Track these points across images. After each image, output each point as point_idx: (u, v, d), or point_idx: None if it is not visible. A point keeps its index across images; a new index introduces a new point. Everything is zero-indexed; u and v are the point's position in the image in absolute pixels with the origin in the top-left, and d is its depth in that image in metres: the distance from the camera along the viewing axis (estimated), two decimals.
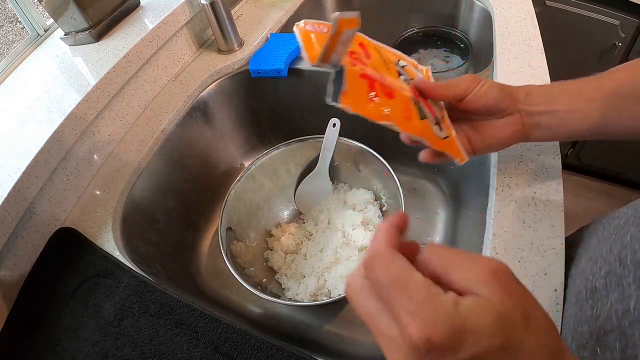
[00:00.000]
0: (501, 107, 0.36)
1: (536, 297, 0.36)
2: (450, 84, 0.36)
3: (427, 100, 0.36)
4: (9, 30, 0.68)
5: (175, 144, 0.61)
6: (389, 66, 0.36)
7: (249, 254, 0.58)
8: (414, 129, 0.34)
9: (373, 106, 0.32)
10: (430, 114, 0.35)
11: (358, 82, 0.32)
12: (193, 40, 0.71)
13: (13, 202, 0.45)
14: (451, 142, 0.37)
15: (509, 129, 0.37)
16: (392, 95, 0.33)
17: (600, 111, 0.35)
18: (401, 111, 0.33)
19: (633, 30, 1.03)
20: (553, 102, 0.36)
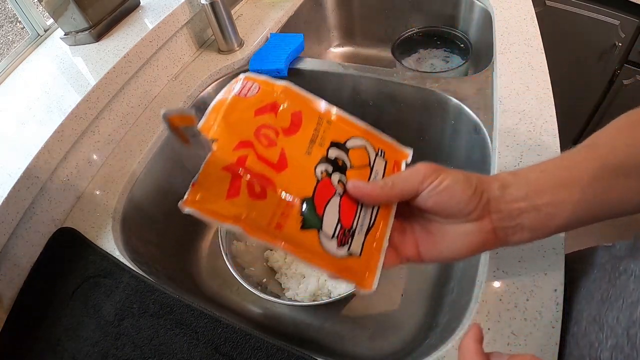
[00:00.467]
0: (465, 211, 0.28)
1: (536, 297, 0.36)
2: (396, 182, 0.29)
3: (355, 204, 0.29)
4: (9, 30, 0.68)
5: (175, 144, 0.61)
6: (312, 150, 0.29)
7: (249, 254, 0.58)
8: (275, 240, 0.26)
9: (223, 207, 0.25)
10: (333, 222, 0.27)
11: (218, 176, 0.26)
12: (193, 40, 0.71)
13: (13, 202, 0.45)
14: (352, 264, 0.28)
15: (475, 239, 0.28)
16: (263, 194, 0.26)
17: (588, 195, 0.28)
18: (267, 215, 0.26)
19: (633, 30, 1.03)
20: (536, 196, 0.28)
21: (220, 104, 0.29)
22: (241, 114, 0.29)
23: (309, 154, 0.29)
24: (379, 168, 0.31)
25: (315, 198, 0.27)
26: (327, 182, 0.28)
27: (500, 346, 0.35)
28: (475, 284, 0.40)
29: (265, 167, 0.27)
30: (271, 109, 0.30)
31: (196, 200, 0.26)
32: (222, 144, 0.27)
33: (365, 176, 0.30)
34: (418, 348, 0.46)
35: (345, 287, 0.53)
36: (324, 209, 0.27)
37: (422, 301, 0.56)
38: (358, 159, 0.30)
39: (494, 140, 0.50)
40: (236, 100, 0.29)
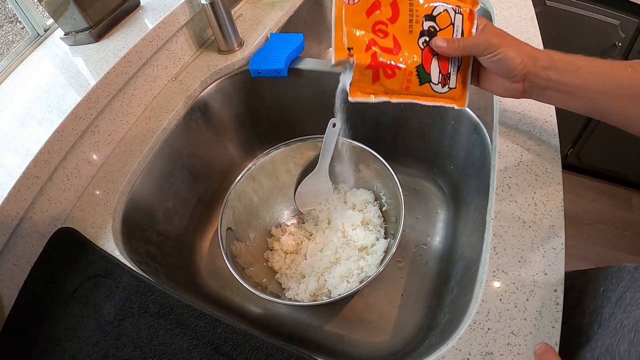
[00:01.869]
0: (507, 77, 0.39)
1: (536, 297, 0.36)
2: (465, 46, 0.40)
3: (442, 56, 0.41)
4: (9, 30, 0.68)
5: (175, 144, 0.61)
6: (412, 28, 0.40)
7: (249, 254, 0.58)
8: (407, 96, 0.41)
9: (373, 89, 0.40)
10: (436, 73, 0.41)
11: (364, 74, 0.39)
12: (193, 40, 0.71)
13: (13, 202, 0.45)
14: (452, 94, 0.42)
15: (510, 91, 0.41)
16: (393, 74, 0.40)
17: (604, 103, 0.38)
18: (399, 84, 0.41)
19: (633, 30, 1.03)
20: (564, 84, 0.38)
21: (339, 18, 0.38)
22: (358, 19, 0.39)
23: (411, 32, 0.40)
24: (458, 23, 0.41)
25: (423, 63, 0.40)
26: (427, 49, 0.41)
27: (500, 346, 0.35)
28: (475, 284, 0.40)
29: (388, 55, 0.39)
30: (376, 6, 0.39)
31: (357, 91, 0.40)
32: (357, 49, 0.38)
33: (450, 33, 0.41)
34: (418, 348, 0.46)
35: (345, 287, 0.53)
36: (430, 67, 0.41)
37: (422, 301, 0.56)
38: (443, 21, 0.41)
39: (494, 140, 0.50)
40: (349, 10, 0.38)
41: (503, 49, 0.38)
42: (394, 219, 0.58)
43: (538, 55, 0.38)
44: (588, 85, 0.37)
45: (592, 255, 1.29)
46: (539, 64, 0.38)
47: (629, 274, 0.37)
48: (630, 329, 0.31)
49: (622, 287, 0.37)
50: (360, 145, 0.59)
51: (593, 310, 0.38)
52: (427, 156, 0.68)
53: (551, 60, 0.38)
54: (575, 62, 0.38)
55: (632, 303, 0.33)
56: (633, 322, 0.31)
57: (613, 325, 0.34)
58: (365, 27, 0.39)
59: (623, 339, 0.31)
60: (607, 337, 0.33)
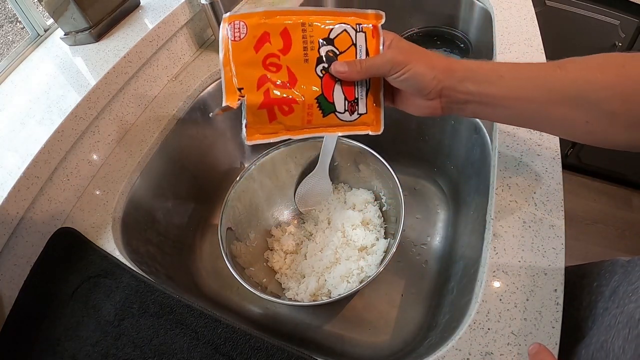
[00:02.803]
0: (421, 94, 0.36)
1: (536, 297, 0.36)
2: (369, 67, 0.36)
3: None
4: (9, 30, 0.68)
5: (175, 144, 0.61)
6: (307, 56, 0.37)
7: (249, 254, 0.58)
8: (312, 130, 0.39)
9: (272, 128, 0.38)
10: (341, 101, 0.38)
11: (257, 114, 0.37)
12: (193, 40, 0.71)
13: (13, 202, 0.45)
14: (364, 120, 0.40)
15: (427, 110, 0.38)
16: (291, 110, 0.37)
17: (532, 110, 0.34)
18: (299, 120, 0.38)
19: (633, 30, 1.03)
20: (486, 95, 0.35)
21: (227, 56, 0.36)
22: (246, 56, 0.36)
23: (306, 61, 0.37)
24: (361, 42, 0.38)
25: (324, 92, 0.38)
26: (327, 76, 0.38)
27: (500, 346, 0.35)
28: (475, 284, 0.40)
29: (283, 90, 0.37)
30: (264, 39, 0.36)
31: (253, 134, 0.38)
32: (247, 89, 0.36)
33: (352, 54, 0.38)
34: (418, 348, 0.46)
35: (345, 287, 0.53)
36: (332, 96, 0.38)
37: (422, 301, 0.56)
38: (343, 43, 0.37)
39: (494, 140, 0.50)
40: (236, 47, 0.36)
41: (411, 65, 0.35)
42: (394, 219, 0.58)
43: (453, 67, 0.35)
44: (514, 94, 0.34)
45: (592, 255, 1.29)
46: (454, 76, 0.35)
47: (622, 268, 0.37)
48: (625, 325, 0.31)
49: (615, 281, 0.36)
50: (360, 145, 0.59)
51: (587, 305, 0.38)
52: (427, 156, 0.68)
53: (469, 71, 0.35)
54: (497, 70, 0.35)
55: (625, 297, 0.33)
56: (627, 317, 0.31)
57: (607, 321, 0.34)
58: (255, 63, 0.36)
59: (617, 335, 0.31)
60: (602, 334, 0.33)
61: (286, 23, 0.36)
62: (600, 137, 0.33)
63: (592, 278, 0.40)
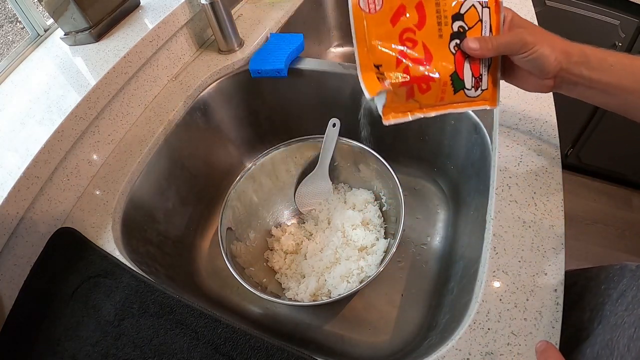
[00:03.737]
0: (540, 76, 0.38)
1: (536, 297, 0.36)
2: (499, 45, 0.37)
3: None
4: (9, 30, 0.68)
5: (175, 144, 0.61)
6: (442, 31, 0.36)
7: (249, 254, 0.58)
8: (442, 107, 0.39)
9: (407, 106, 0.37)
10: (469, 78, 0.38)
11: (397, 92, 0.36)
12: (193, 40, 0.71)
13: (13, 202, 0.45)
14: (485, 95, 0.40)
15: (541, 87, 0.40)
16: (428, 88, 0.37)
17: (633, 101, 0.37)
18: (434, 97, 0.37)
19: (633, 30, 1.03)
20: (596, 81, 0.37)
21: (361, 31, 0.34)
22: (383, 30, 0.35)
23: (441, 37, 0.36)
24: (486, 18, 0.38)
25: (457, 69, 0.37)
26: (459, 52, 0.37)
27: (500, 346, 0.35)
28: (475, 284, 0.40)
29: (420, 67, 0.36)
30: (401, 12, 0.35)
31: (390, 112, 0.37)
32: (386, 66, 0.35)
33: (479, 30, 0.37)
34: (418, 348, 0.46)
35: (345, 287, 0.53)
36: (463, 73, 0.38)
37: (422, 301, 0.56)
38: (471, 19, 0.37)
39: (494, 140, 0.50)
40: (371, 20, 0.34)
41: (537, 47, 0.36)
42: (394, 219, 0.58)
43: (571, 50, 0.37)
44: (620, 84, 0.37)
45: (592, 255, 1.29)
46: (572, 59, 0.37)
47: (631, 272, 0.37)
48: (631, 325, 0.31)
49: (623, 285, 0.37)
50: (360, 145, 0.59)
51: (594, 307, 0.38)
52: (427, 156, 0.68)
53: (584, 56, 0.37)
54: (607, 59, 0.37)
55: (634, 302, 0.33)
56: (635, 319, 0.31)
57: (614, 321, 0.34)
58: (392, 37, 0.35)
59: (623, 334, 0.31)
60: (607, 333, 0.33)
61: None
62: None
63: (600, 281, 0.40)
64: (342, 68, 0.64)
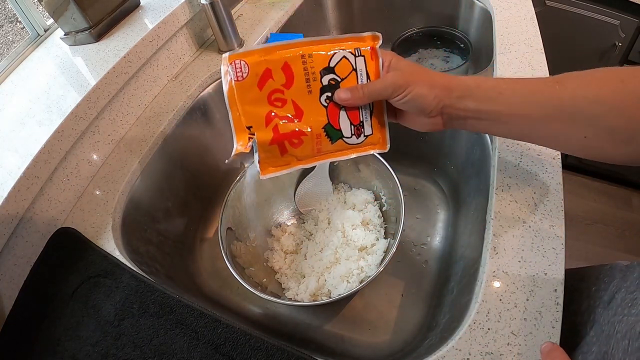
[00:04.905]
0: (423, 114, 0.38)
1: (536, 297, 0.36)
2: (371, 92, 0.37)
3: None
4: (9, 30, 0.68)
5: (175, 144, 0.61)
6: (310, 87, 0.38)
7: (249, 254, 0.58)
8: (322, 157, 0.40)
9: (285, 160, 0.39)
10: (347, 126, 0.39)
11: (270, 150, 0.38)
12: (193, 40, 0.71)
13: (13, 202, 0.45)
14: (371, 140, 0.41)
15: (429, 126, 0.39)
16: (300, 142, 0.38)
17: (529, 127, 0.35)
18: (310, 150, 0.39)
19: (633, 30, 1.03)
20: (484, 112, 0.36)
21: (232, 97, 0.37)
22: (251, 95, 0.37)
23: (310, 92, 0.38)
24: (361, 67, 0.38)
25: (330, 120, 0.38)
26: (331, 104, 0.38)
27: (500, 346, 0.35)
28: (475, 284, 0.40)
29: (291, 124, 0.37)
30: (267, 76, 0.37)
31: (266, 168, 0.38)
32: (256, 127, 0.37)
33: (354, 80, 0.38)
34: (418, 348, 0.46)
35: (345, 287, 0.53)
36: (338, 122, 0.39)
37: (422, 301, 0.56)
38: (344, 70, 0.38)
39: (494, 140, 0.50)
40: (240, 86, 0.36)
41: (412, 87, 0.36)
42: (394, 219, 0.58)
43: (452, 85, 0.36)
44: (511, 111, 0.35)
45: (592, 255, 1.29)
46: (453, 94, 0.36)
47: (621, 272, 0.37)
48: (624, 336, 0.31)
49: (613, 287, 0.36)
50: None
51: (585, 310, 0.38)
52: (427, 156, 0.68)
53: (467, 89, 0.36)
54: (496, 87, 0.36)
55: (624, 306, 0.33)
56: (626, 328, 0.31)
57: (607, 330, 0.33)
58: (261, 100, 0.37)
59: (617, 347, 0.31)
60: (603, 344, 0.33)
61: (286, 57, 0.37)
62: (598, 151, 0.34)
63: (591, 282, 0.40)
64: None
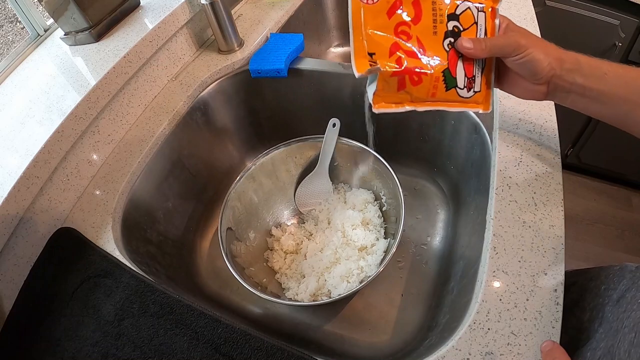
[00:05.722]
0: (532, 80, 0.38)
1: (536, 297, 0.36)
2: (493, 46, 0.37)
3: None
4: (9, 30, 0.68)
5: (175, 144, 0.61)
6: (436, 28, 0.37)
7: (249, 254, 0.58)
8: (434, 103, 0.39)
9: (399, 97, 0.38)
10: (462, 77, 0.39)
11: (389, 82, 0.36)
12: (193, 40, 0.71)
13: (13, 202, 0.45)
14: (477, 98, 0.40)
15: (532, 94, 0.40)
16: (420, 80, 0.37)
17: (628, 109, 0.36)
18: (426, 91, 0.38)
19: (633, 30, 1.03)
20: (588, 89, 0.37)
21: (357, 20, 0.35)
22: (379, 21, 0.36)
23: (435, 34, 0.37)
24: (481, 22, 0.38)
25: (449, 66, 0.38)
26: (452, 51, 0.38)
27: (500, 346, 0.35)
28: (475, 284, 0.40)
29: (414, 59, 0.36)
30: (397, 5, 0.36)
31: (381, 102, 0.37)
32: (379, 55, 0.36)
33: (473, 32, 0.38)
34: (418, 348, 0.46)
35: (345, 287, 0.53)
36: (456, 71, 0.38)
37: (422, 301, 0.56)
38: (466, 20, 0.38)
39: (494, 140, 0.50)
40: (368, 10, 0.35)
41: (530, 50, 0.36)
42: (394, 219, 0.58)
43: (564, 57, 0.37)
44: (613, 92, 0.36)
45: (592, 255, 1.29)
46: (565, 66, 0.37)
47: (630, 273, 0.37)
48: (631, 329, 0.31)
49: (623, 286, 0.37)
50: (361, 145, 0.59)
51: (594, 307, 0.38)
52: (427, 156, 0.68)
53: (577, 63, 0.37)
54: (601, 67, 0.37)
55: (633, 302, 0.33)
56: (634, 322, 0.31)
57: (615, 326, 0.34)
58: (387, 29, 0.36)
59: (623, 340, 0.31)
60: (610, 339, 0.33)
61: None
62: None
63: (600, 281, 0.40)
64: (342, 68, 0.64)
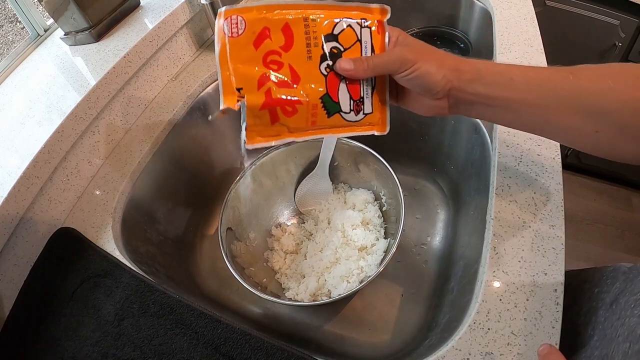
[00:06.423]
0: (428, 94, 0.35)
1: (536, 297, 0.36)
2: (376, 65, 0.34)
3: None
4: (9, 30, 0.68)
5: (175, 144, 0.61)
6: (311, 53, 0.35)
7: (249, 254, 0.58)
8: (316, 132, 0.37)
9: (275, 130, 0.35)
10: (346, 101, 0.36)
11: (260, 116, 0.34)
12: (193, 40, 0.71)
13: (13, 202, 0.45)
14: (370, 119, 0.38)
15: (433, 109, 0.37)
16: (295, 110, 0.35)
17: (539, 116, 0.33)
18: (303, 121, 0.36)
19: (633, 30, 1.03)
20: (493, 98, 0.34)
21: (224, 55, 0.33)
22: (245, 53, 0.34)
23: (310, 59, 0.35)
24: (366, 38, 0.36)
25: (329, 91, 0.35)
26: (332, 74, 0.35)
27: (500, 346, 0.35)
28: (475, 284, 0.40)
29: (286, 89, 0.34)
30: (264, 35, 0.34)
31: (254, 137, 0.35)
32: (247, 89, 0.33)
33: (357, 51, 0.36)
34: (418, 348, 0.46)
35: (345, 287, 0.53)
36: (337, 95, 0.36)
37: (422, 301, 0.56)
38: (347, 39, 0.35)
39: (494, 140, 0.50)
40: (234, 43, 0.33)
41: (420, 64, 0.33)
42: (394, 219, 0.58)
43: (462, 67, 0.34)
44: (522, 98, 0.33)
45: (592, 255, 1.29)
46: (463, 77, 0.34)
47: (624, 275, 0.37)
48: (625, 339, 0.31)
49: (616, 289, 0.36)
50: (360, 145, 0.59)
51: (587, 311, 0.38)
52: (427, 156, 0.68)
53: (477, 72, 0.34)
54: (507, 73, 0.33)
55: (627, 308, 0.33)
56: (627, 331, 0.31)
57: (609, 333, 0.33)
58: (255, 61, 0.34)
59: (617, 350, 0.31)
60: (604, 347, 0.33)
61: (287, 18, 0.34)
62: (607, 148, 0.32)
63: (594, 283, 0.40)
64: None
